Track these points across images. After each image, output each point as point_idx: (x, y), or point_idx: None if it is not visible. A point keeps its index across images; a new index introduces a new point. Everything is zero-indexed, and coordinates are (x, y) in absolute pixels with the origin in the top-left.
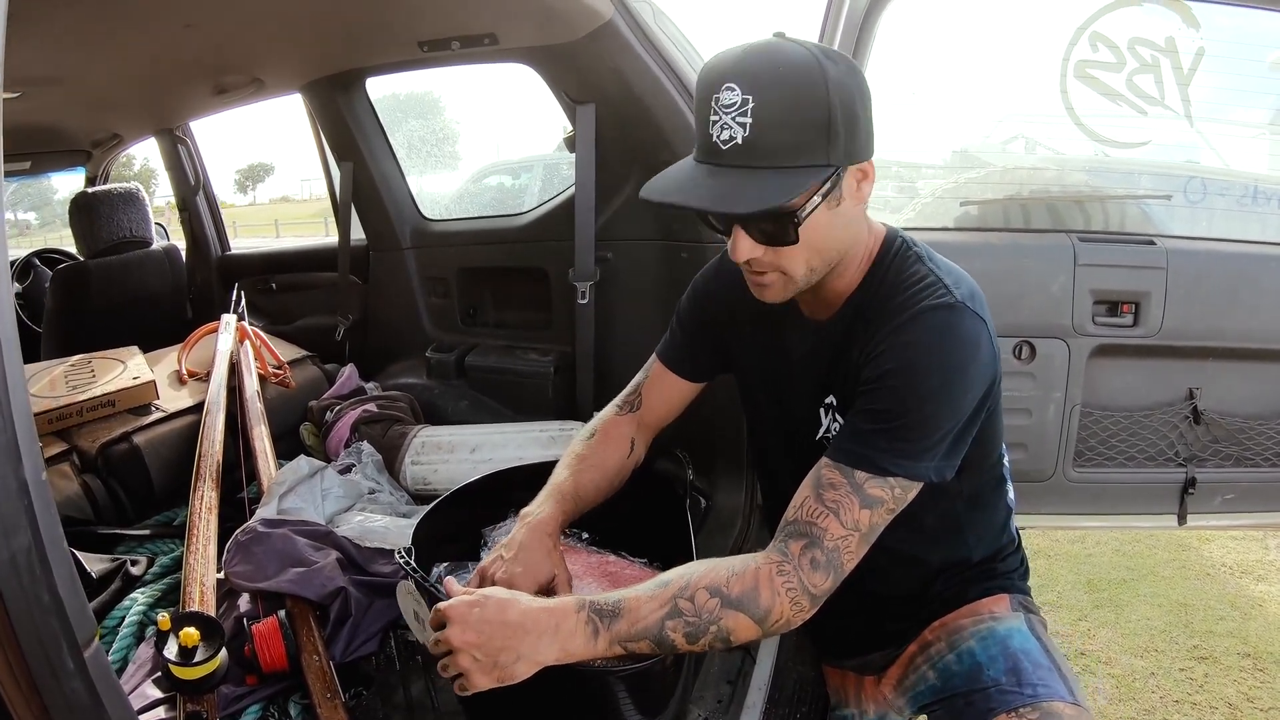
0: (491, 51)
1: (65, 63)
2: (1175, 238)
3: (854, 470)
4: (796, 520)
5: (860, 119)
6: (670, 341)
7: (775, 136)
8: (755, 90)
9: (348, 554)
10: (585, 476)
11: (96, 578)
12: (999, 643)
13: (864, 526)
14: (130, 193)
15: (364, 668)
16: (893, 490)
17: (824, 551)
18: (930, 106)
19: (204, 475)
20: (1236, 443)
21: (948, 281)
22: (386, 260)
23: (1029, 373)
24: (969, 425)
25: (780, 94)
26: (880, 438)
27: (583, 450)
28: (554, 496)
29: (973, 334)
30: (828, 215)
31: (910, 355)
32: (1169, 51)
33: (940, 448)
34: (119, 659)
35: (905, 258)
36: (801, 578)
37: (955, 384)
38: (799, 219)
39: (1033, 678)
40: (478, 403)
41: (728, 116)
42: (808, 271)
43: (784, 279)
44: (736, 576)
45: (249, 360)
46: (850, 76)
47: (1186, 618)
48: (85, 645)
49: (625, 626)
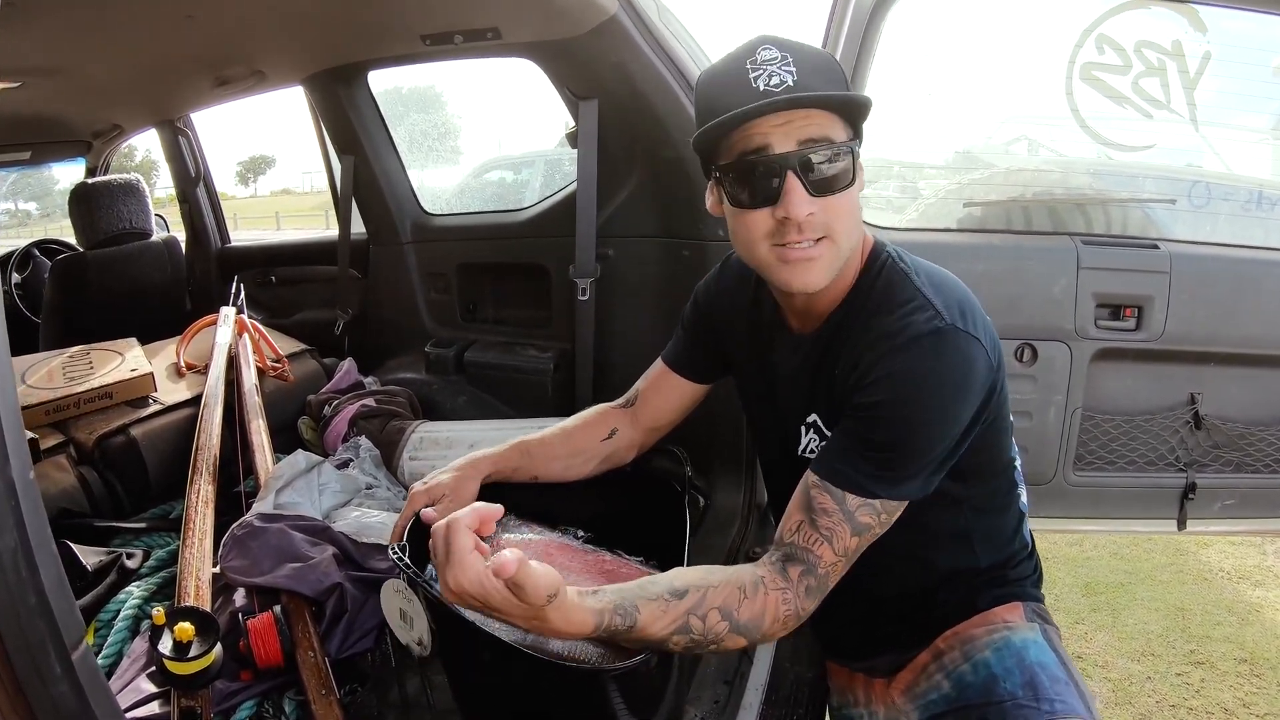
0: (495, 46)
1: (65, 53)
2: (1179, 242)
3: (845, 494)
4: (794, 544)
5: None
6: (675, 343)
7: (822, 81)
8: (789, 49)
9: (344, 549)
10: (551, 440)
11: (91, 571)
12: (1015, 654)
13: (851, 552)
14: (130, 184)
15: (359, 664)
16: (879, 515)
17: (817, 578)
18: (934, 107)
19: (201, 469)
20: (1237, 448)
21: (937, 303)
22: (386, 254)
23: (1030, 375)
24: (959, 445)
25: (812, 55)
26: (871, 463)
27: (563, 423)
28: (510, 445)
29: (964, 356)
30: (858, 183)
31: (902, 386)
32: (1175, 55)
33: (927, 470)
34: (114, 653)
35: (892, 273)
36: (797, 604)
37: (948, 410)
38: (854, 149)
39: (1050, 693)
40: (476, 399)
41: (773, 67)
42: (849, 246)
43: (833, 250)
44: (748, 601)
45: (247, 353)
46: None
47: (1184, 622)
48: (73, 648)
49: (633, 638)
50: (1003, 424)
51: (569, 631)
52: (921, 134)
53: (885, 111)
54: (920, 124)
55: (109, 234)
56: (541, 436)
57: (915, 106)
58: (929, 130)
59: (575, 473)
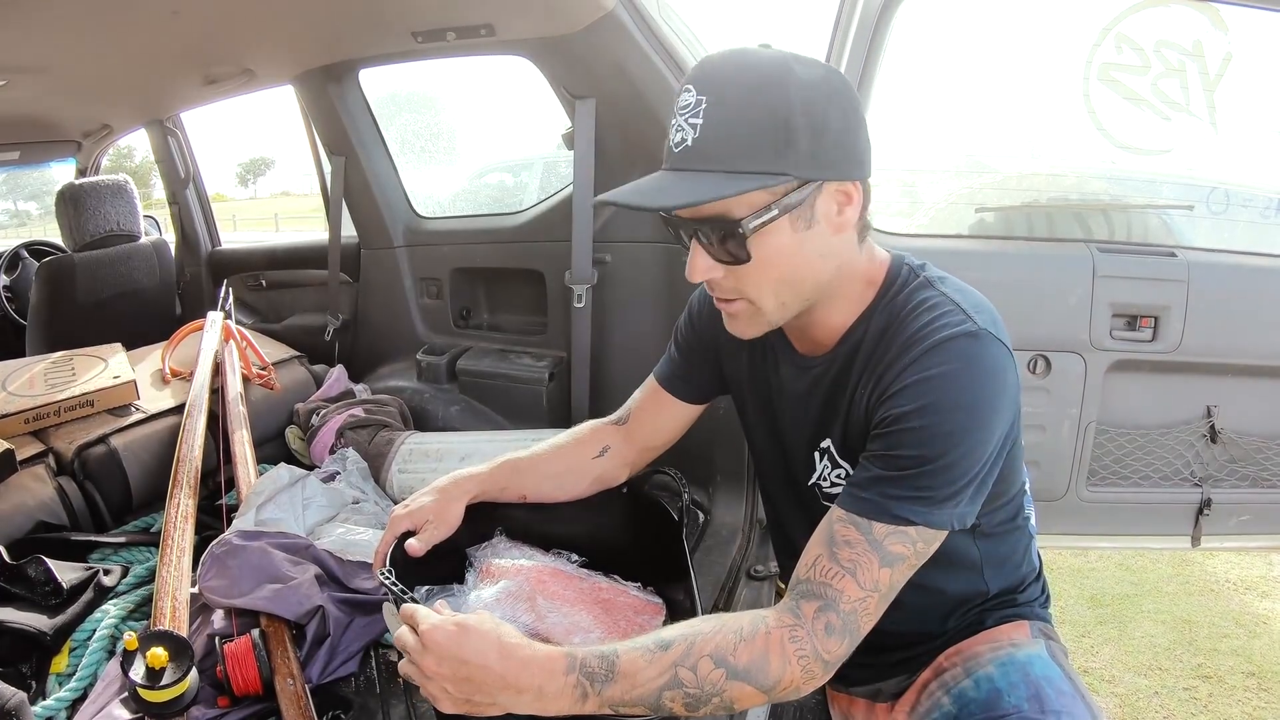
0: (488, 43)
1: (51, 50)
2: (1197, 250)
3: (871, 523)
4: (810, 580)
5: (833, 130)
6: (667, 361)
7: (724, 136)
8: (710, 90)
9: (328, 568)
10: (540, 457)
11: (68, 588)
12: (1019, 669)
13: (884, 586)
14: (118, 185)
15: (343, 689)
16: (914, 544)
17: (840, 615)
18: (946, 109)
19: (181, 481)
20: (1254, 462)
21: (966, 307)
22: (378, 258)
23: (1044, 388)
24: (995, 464)
25: (735, 94)
26: (899, 485)
27: (553, 439)
28: (498, 463)
29: (999, 364)
30: (794, 237)
31: (932, 392)
32: (1196, 55)
33: (966, 492)
34: (88, 675)
35: (915, 285)
36: (815, 644)
37: (983, 422)
38: (745, 229)
39: (1056, 705)
40: (469, 408)
41: (681, 118)
42: (777, 304)
43: (751, 309)
44: (745, 643)
45: (233, 360)
46: (825, 84)
47: (1190, 635)
48: None
49: (618, 692)
50: (1018, 449)
51: (541, 666)
52: (931, 138)
53: (898, 116)
54: (931, 127)
55: (96, 236)
56: (531, 454)
57: (926, 109)
58: (939, 134)
59: (566, 492)
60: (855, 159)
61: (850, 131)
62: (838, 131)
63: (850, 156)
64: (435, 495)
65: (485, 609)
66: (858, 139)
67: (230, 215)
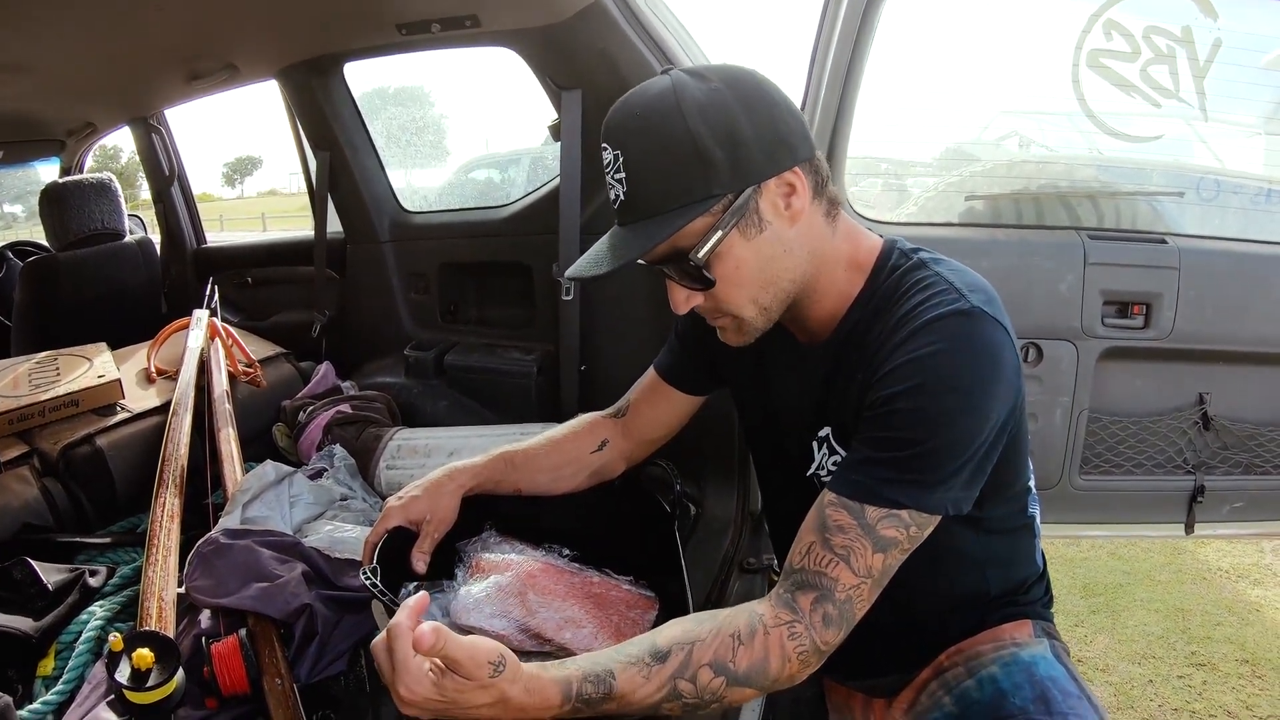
0: (473, 34)
1: (33, 47)
2: (1188, 236)
3: (863, 506)
4: (804, 569)
5: (745, 135)
6: (667, 352)
7: (647, 183)
8: (618, 144)
9: (316, 566)
10: (537, 450)
11: (53, 590)
12: (1024, 669)
13: (877, 572)
14: (102, 183)
15: (331, 689)
16: (907, 528)
17: (836, 605)
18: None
19: (167, 481)
20: (1246, 449)
21: (960, 286)
22: (364, 254)
23: (1036, 376)
24: (992, 449)
25: (640, 140)
26: (891, 467)
27: (549, 432)
28: (493, 456)
29: (994, 343)
30: (750, 246)
31: (922, 372)
32: (1185, 42)
33: (960, 476)
34: (74, 678)
35: (908, 267)
36: (814, 637)
37: (977, 402)
38: (698, 259)
39: (1062, 706)
40: (457, 403)
41: (609, 176)
42: (758, 310)
43: (736, 322)
44: (744, 647)
45: (219, 358)
46: (720, 94)
47: (1184, 623)
48: None
49: (615, 708)
50: (1023, 440)
51: (536, 707)
52: (920, 127)
53: (885, 106)
54: (919, 117)
55: (80, 235)
56: (527, 447)
57: (914, 98)
58: (928, 123)
59: (563, 486)
60: (784, 150)
61: (766, 126)
62: (750, 134)
63: (775, 151)
64: (429, 488)
65: (475, 605)
66: (777, 130)
67: (218, 215)
